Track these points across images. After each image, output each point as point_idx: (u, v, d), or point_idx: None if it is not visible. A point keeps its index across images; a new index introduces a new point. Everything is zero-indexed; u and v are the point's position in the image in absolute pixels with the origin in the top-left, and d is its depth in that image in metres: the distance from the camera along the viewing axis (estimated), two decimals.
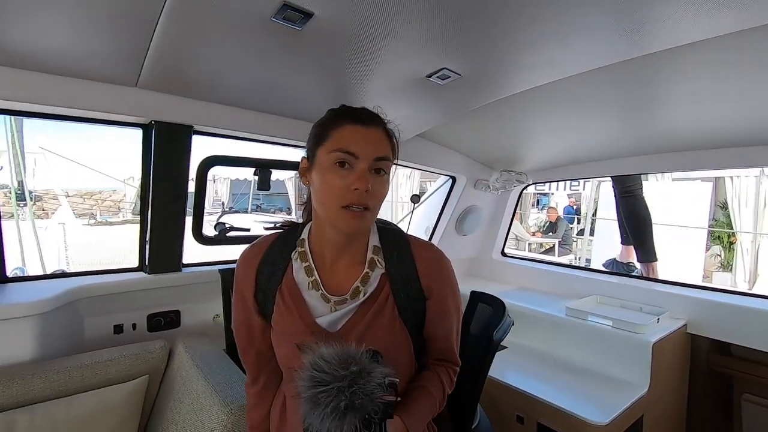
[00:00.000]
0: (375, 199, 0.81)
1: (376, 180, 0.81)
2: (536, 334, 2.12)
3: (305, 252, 0.90)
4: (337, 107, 0.88)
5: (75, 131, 27.38)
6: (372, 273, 0.88)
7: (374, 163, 0.80)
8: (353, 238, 0.87)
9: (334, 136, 0.81)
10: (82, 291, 1.55)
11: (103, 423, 1.28)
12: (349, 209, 0.79)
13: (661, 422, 1.88)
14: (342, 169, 0.80)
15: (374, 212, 0.83)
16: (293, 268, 0.89)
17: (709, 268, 6.88)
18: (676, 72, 1.32)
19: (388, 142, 0.85)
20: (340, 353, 0.71)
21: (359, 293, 0.87)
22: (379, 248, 0.90)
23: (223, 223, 1.90)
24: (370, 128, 0.82)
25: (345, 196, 0.79)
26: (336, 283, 0.88)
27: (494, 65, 1.30)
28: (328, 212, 0.82)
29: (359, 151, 0.79)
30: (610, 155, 2.31)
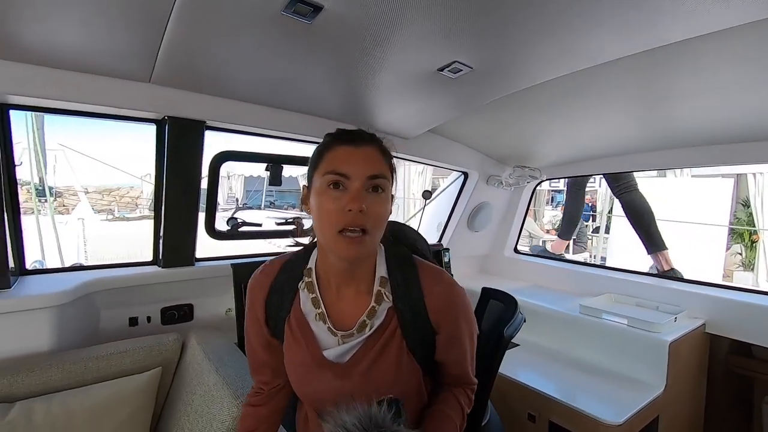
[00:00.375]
0: (373, 219, 0.78)
1: (372, 199, 0.79)
2: (549, 332, 2.09)
3: (312, 282, 0.89)
4: (332, 131, 0.87)
5: (93, 129, 27.99)
6: (379, 307, 0.86)
7: (368, 182, 0.79)
8: (357, 264, 0.85)
9: (327, 159, 0.81)
10: (98, 284, 1.58)
11: (117, 413, 1.31)
12: (345, 234, 0.77)
13: (678, 424, 1.83)
14: (336, 190, 0.79)
15: (374, 235, 0.80)
16: (300, 299, 0.89)
17: (730, 267, 6.70)
18: (697, 63, 1.28)
19: (383, 160, 0.83)
20: (363, 418, 0.68)
21: (366, 327, 0.86)
22: (386, 279, 0.88)
23: (235, 218, 1.92)
24: (362, 147, 0.81)
25: (340, 219, 0.77)
26: (343, 315, 0.88)
27: (507, 58, 1.27)
28: (326, 238, 0.81)
29: (350, 170, 0.78)
30: (627, 150, 2.26)
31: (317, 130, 1.86)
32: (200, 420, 1.23)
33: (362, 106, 1.73)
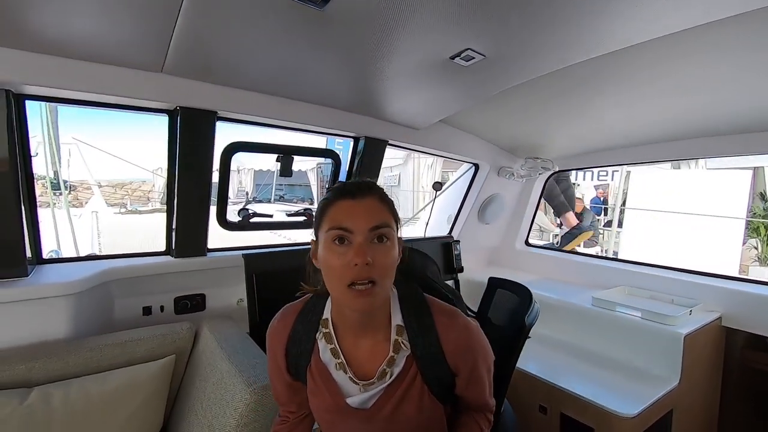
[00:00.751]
0: (380, 270, 0.78)
1: (377, 250, 0.79)
2: (561, 325, 2.08)
3: (330, 333, 0.90)
4: (335, 185, 0.87)
5: (106, 124, 28.34)
6: (397, 355, 0.87)
7: (371, 234, 0.79)
8: (371, 315, 0.86)
9: (329, 215, 0.81)
10: (113, 273, 1.60)
11: (133, 399, 1.33)
12: (354, 288, 0.77)
13: (691, 418, 1.81)
14: (341, 246, 0.79)
15: (383, 285, 0.80)
16: (319, 348, 0.91)
17: (746, 262, 6.58)
18: (718, 48, 1.25)
19: (384, 208, 0.83)
20: None
21: (386, 374, 0.87)
22: (402, 328, 0.88)
23: (246, 209, 1.93)
24: (362, 200, 0.81)
25: (346, 274, 0.78)
26: (362, 364, 0.89)
27: (520, 45, 1.25)
28: (336, 292, 0.82)
29: (352, 225, 0.78)
30: (644, 141, 2.22)
31: (328, 120, 1.86)
32: (214, 406, 1.24)
33: (373, 96, 1.72)
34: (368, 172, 2.09)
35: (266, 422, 1.17)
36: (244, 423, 1.13)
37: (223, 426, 1.16)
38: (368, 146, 2.02)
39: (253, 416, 1.13)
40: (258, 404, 1.13)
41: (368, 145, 2.02)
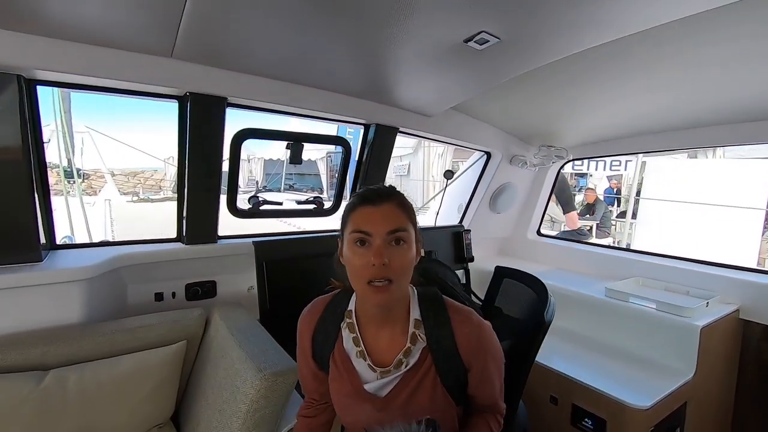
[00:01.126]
0: (396, 270, 0.86)
1: (394, 252, 0.86)
2: (573, 315, 2.05)
3: (353, 323, 0.98)
4: (359, 191, 0.95)
5: (120, 113, 28.59)
6: (414, 347, 0.94)
7: (389, 237, 0.86)
8: (389, 309, 0.94)
9: (352, 219, 0.90)
10: (125, 259, 1.62)
11: (144, 383, 1.34)
12: (372, 284, 0.86)
13: (706, 411, 1.78)
14: (361, 247, 0.87)
15: (400, 283, 0.88)
16: (343, 337, 0.99)
17: (765, 254, 6.43)
18: (739, 29, 1.19)
19: (402, 213, 0.90)
20: None
21: (402, 364, 0.94)
22: (419, 321, 0.96)
23: (257, 197, 1.93)
24: (381, 206, 0.89)
25: (366, 273, 0.86)
26: (380, 353, 0.96)
27: (536, 27, 1.21)
28: (357, 288, 0.91)
29: (371, 229, 0.86)
30: (660, 129, 2.16)
31: (339, 107, 1.83)
32: (224, 392, 1.25)
33: (385, 82, 1.69)
34: (378, 160, 2.07)
35: (276, 408, 1.18)
36: (254, 409, 1.13)
37: (234, 411, 1.16)
38: (379, 134, 2.00)
39: (264, 402, 1.14)
40: (268, 390, 1.13)
41: (379, 132, 1.99)
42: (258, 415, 1.14)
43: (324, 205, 2.11)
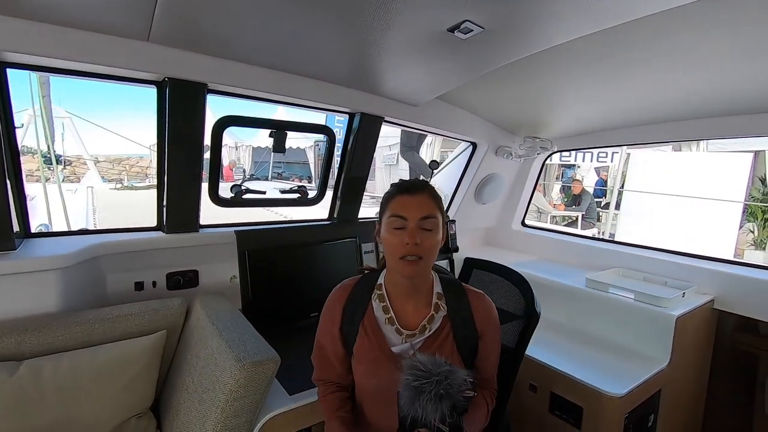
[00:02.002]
0: (426, 249, 1.03)
1: (424, 235, 1.03)
2: (554, 305, 2.08)
3: (383, 294, 1.13)
4: (396, 183, 1.12)
5: (104, 100, 27.90)
6: (436, 315, 1.10)
7: (421, 222, 1.03)
8: (415, 283, 1.09)
9: (391, 206, 1.07)
10: (104, 247, 1.59)
11: (123, 373, 1.33)
12: (405, 259, 1.02)
13: (679, 398, 1.84)
14: (397, 230, 1.04)
15: (427, 260, 1.05)
16: (373, 307, 1.12)
17: (742, 246, 6.60)
18: (721, 25, 1.20)
19: (433, 203, 1.07)
20: (431, 359, 0.92)
21: (425, 329, 1.09)
22: (442, 295, 1.13)
23: (239, 185, 1.90)
24: (416, 195, 1.06)
25: (401, 250, 1.02)
26: (407, 320, 1.11)
27: (521, 17, 1.20)
28: (392, 262, 1.07)
29: (407, 214, 1.03)
30: (644, 121, 2.18)
31: (323, 95, 1.81)
32: (204, 381, 1.25)
33: (369, 70, 1.66)
34: (363, 149, 2.05)
35: (256, 398, 1.18)
36: (233, 398, 1.13)
37: (213, 400, 1.16)
38: (364, 123, 1.98)
39: (243, 392, 1.14)
40: (248, 380, 1.13)
41: (364, 121, 1.98)
42: (237, 404, 1.14)
43: (309, 195, 2.09)
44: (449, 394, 0.87)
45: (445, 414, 0.87)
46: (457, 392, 0.88)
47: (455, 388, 0.88)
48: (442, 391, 0.87)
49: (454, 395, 0.88)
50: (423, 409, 0.87)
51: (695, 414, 2.03)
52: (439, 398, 0.87)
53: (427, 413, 0.87)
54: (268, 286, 1.80)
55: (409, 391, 0.89)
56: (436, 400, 0.87)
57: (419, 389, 0.88)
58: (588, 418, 1.52)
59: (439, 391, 0.87)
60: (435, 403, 0.87)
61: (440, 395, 0.87)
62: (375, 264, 1.41)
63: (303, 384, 1.34)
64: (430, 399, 0.86)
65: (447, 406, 0.87)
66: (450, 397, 0.88)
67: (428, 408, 0.87)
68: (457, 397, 0.88)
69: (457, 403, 0.89)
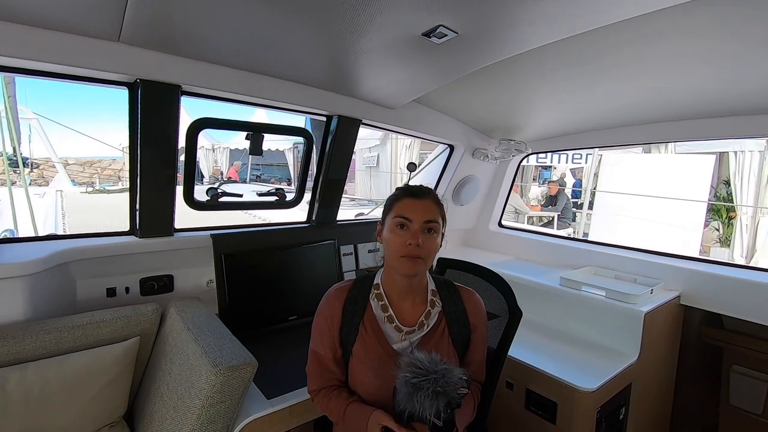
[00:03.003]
0: (426, 251, 1.08)
1: (426, 237, 1.08)
2: (530, 304, 2.10)
3: (381, 293, 1.17)
4: (402, 186, 1.18)
5: (75, 101, 26.95)
6: (432, 310, 1.17)
7: (424, 225, 1.08)
8: (413, 281, 1.13)
9: (396, 207, 1.12)
10: (73, 253, 1.54)
11: (94, 381, 1.30)
12: (406, 257, 1.07)
13: (649, 390, 1.90)
14: (401, 230, 1.09)
15: (426, 261, 1.10)
16: (372, 306, 1.16)
17: (707, 243, 6.88)
18: (685, 31, 1.26)
19: (436, 209, 1.12)
20: (429, 357, 0.96)
21: (423, 326, 1.15)
22: (436, 292, 1.20)
23: (215, 188, 1.88)
24: (422, 200, 1.11)
25: (403, 249, 1.07)
26: (405, 318, 1.15)
27: (494, 22, 1.23)
28: (392, 260, 1.11)
29: (412, 216, 1.08)
30: (614, 124, 2.25)
31: (300, 97, 1.80)
32: (179, 388, 1.23)
33: (346, 73, 1.67)
34: (341, 151, 2.06)
35: (233, 403, 1.17)
36: (209, 404, 1.12)
37: (188, 407, 1.15)
38: (341, 125, 1.98)
39: (219, 397, 1.12)
40: (224, 385, 1.12)
41: (341, 123, 1.98)
42: (213, 410, 1.13)
43: (287, 197, 2.08)
44: (445, 391, 0.92)
45: (440, 409, 0.92)
46: (452, 390, 0.93)
47: (451, 386, 0.93)
48: (440, 388, 0.91)
49: (450, 392, 0.93)
50: (420, 404, 0.92)
51: (664, 405, 2.11)
52: (435, 395, 0.92)
53: (423, 408, 0.92)
54: (246, 289, 1.78)
55: (407, 388, 0.94)
56: (433, 397, 0.91)
57: (417, 386, 0.92)
58: (562, 413, 1.56)
59: (437, 389, 0.91)
60: (432, 399, 0.91)
61: (437, 392, 0.91)
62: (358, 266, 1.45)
63: (281, 387, 1.33)
64: (428, 396, 0.91)
65: (443, 402, 0.92)
66: (446, 394, 0.92)
67: (425, 404, 0.92)
68: (453, 394, 0.93)
69: (452, 399, 0.93)
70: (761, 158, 5.78)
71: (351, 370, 1.14)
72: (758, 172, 5.82)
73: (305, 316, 1.84)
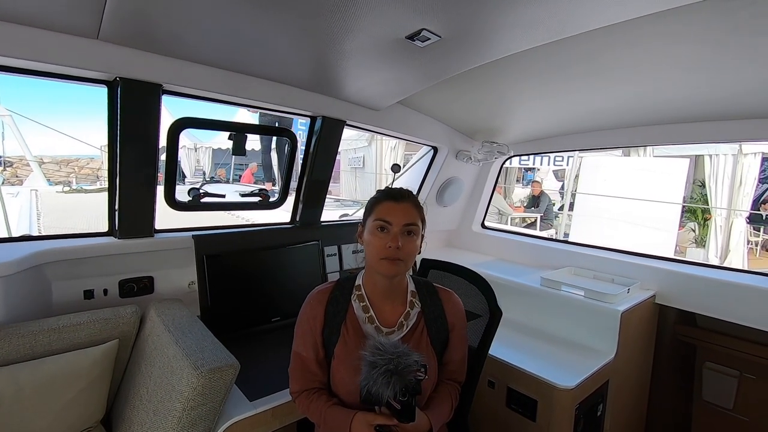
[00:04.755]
0: (405, 253, 1.10)
1: (406, 240, 1.10)
2: (511, 304, 2.14)
3: (362, 294, 1.19)
4: (383, 189, 1.20)
5: (52, 98, 26.18)
6: (411, 311, 1.19)
7: (404, 228, 1.10)
8: (393, 282, 1.16)
9: (377, 210, 1.14)
10: (49, 254, 1.51)
11: (71, 386, 1.27)
12: (386, 259, 1.09)
13: (626, 387, 1.95)
14: (382, 232, 1.11)
15: (406, 263, 1.12)
16: (353, 307, 1.18)
17: (683, 244, 7.09)
18: (662, 37, 1.30)
19: (416, 212, 1.14)
20: (391, 342, 1.03)
21: (403, 326, 1.17)
22: (415, 293, 1.22)
23: (197, 189, 1.86)
24: (401, 203, 1.13)
25: (383, 252, 1.09)
26: (385, 319, 1.17)
27: (477, 27, 1.25)
28: (372, 261, 1.14)
29: (392, 219, 1.10)
30: (594, 128, 2.31)
31: (283, 98, 1.80)
32: (159, 391, 1.21)
33: (331, 74, 1.67)
34: (326, 152, 2.06)
35: (214, 405, 1.16)
36: (190, 407, 1.11)
37: (168, 411, 1.13)
38: (326, 126, 1.98)
39: (200, 400, 1.11)
40: (205, 388, 1.11)
41: (326, 124, 1.98)
42: (194, 413, 1.12)
43: (270, 198, 2.07)
44: (399, 371, 0.96)
45: (396, 392, 0.95)
46: (406, 371, 0.96)
47: (405, 367, 0.96)
48: (392, 366, 0.95)
49: (405, 374, 0.96)
50: (375, 382, 0.96)
51: (640, 401, 2.17)
52: (390, 374, 0.95)
53: (378, 386, 0.96)
54: (229, 291, 1.77)
55: (366, 366, 0.98)
56: (387, 376, 0.95)
57: (373, 363, 0.97)
58: (542, 410, 1.59)
59: (390, 367, 0.95)
60: (386, 378, 0.95)
61: (390, 371, 0.95)
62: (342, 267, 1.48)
63: (264, 389, 1.33)
64: (381, 373, 0.96)
65: (398, 384, 0.95)
66: (400, 374, 0.95)
67: (379, 381, 0.96)
68: (408, 377, 0.96)
69: (409, 383, 0.96)
70: (734, 161, 5.99)
71: (332, 372, 1.14)
72: (732, 175, 6.03)
73: (289, 318, 1.84)
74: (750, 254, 6.61)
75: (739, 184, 5.99)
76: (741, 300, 1.83)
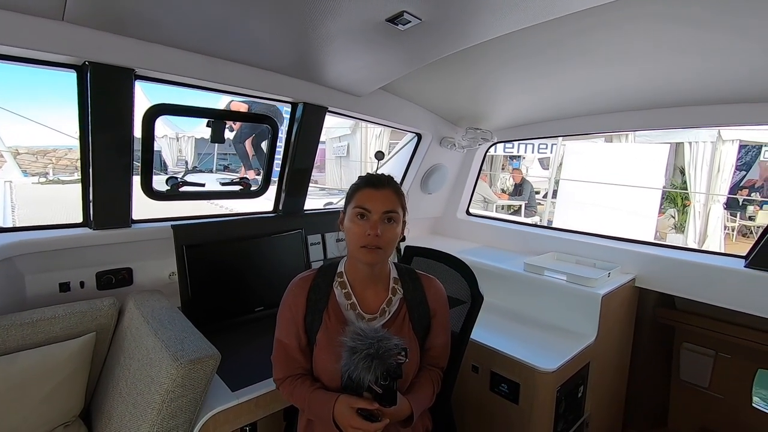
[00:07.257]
0: (385, 241, 1.09)
1: (386, 227, 1.10)
2: (495, 289, 2.18)
3: (344, 281, 1.19)
4: (364, 176, 1.18)
5: (26, 87, 25.18)
6: (394, 298, 1.19)
7: (384, 215, 1.09)
8: (375, 270, 1.16)
9: (356, 197, 1.13)
10: (20, 247, 1.46)
11: (47, 380, 1.24)
12: (366, 247, 1.09)
13: (606, 368, 2.00)
14: (361, 220, 1.10)
15: (386, 250, 1.11)
16: (335, 294, 1.17)
17: (663, 229, 7.24)
18: (646, 22, 1.29)
19: (396, 199, 1.13)
20: (371, 327, 1.03)
21: (385, 312, 1.17)
22: (398, 279, 1.22)
23: (175, 178, 1.81)
24: (381, 190, 1.12)
25: (362, 239, 1.09)
26: (367, 305, 1.17)
27: (457, 9, 1.22)
28: (352, 250, 1.13)
29: (372, 207, 1.10)
30: (575, 113, 2.31)
31: (263, 84, 1.75)
32: (138, 384, 1.19)
33: (311, 58, 1.63)
34: (307, 140, 2.02)
35: (195, 396, 1.14)
36: (170, 399, 1.09)
37: (148, 403, 1.11)
38: (307, 112, 1.95)
39: (180, 392, 1.10)
40: (185, 379, 1.10)
41: (307, 111, 1.94)
42: (174, 404, 1.10)
43: (251, 187, 2.03)
44: (380, 355, 0.96)
45: (377, 376, 0.96)
46: (387, 355, 0.96)
47: (385, 351, 0.96)
48: (372, 351, 0.96)
49: (385, 358, 0.96)
50: (356, 367, 0.96)
51: (620, 383, 2.22)
52: (370, 358, 0.95)
53: (359, 371, 0.96)
54: (210, 281, 1.74)
55: (346, 351, 0.99)
56: (368, 360, 0.95)
57: (354, 349, 0.97)
58: (524, 393, 1.61)
59: (370, 351, 0.96)
60: (367, 362, 0.95)
61: (371, 355, 0.95)
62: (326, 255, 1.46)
63: (247, 379, 1.31)
64: (362, 358, 0.96)
65: (379, 368, 0.96)
66: (380, 358, 0.96)
67: (360, 366, 0.96)
68: (389, 361, 0.96)
69: (390, 367, 0.97)
70: (713, 148, 6.11)
71: (315, 358, 1.14)
72: (710, 161, 6.15)
73: (272, 307, 1.82)
74: (727, 239, 6.79)
75: (717, 170, 6.12)
76: (717, 282, 1.88)
